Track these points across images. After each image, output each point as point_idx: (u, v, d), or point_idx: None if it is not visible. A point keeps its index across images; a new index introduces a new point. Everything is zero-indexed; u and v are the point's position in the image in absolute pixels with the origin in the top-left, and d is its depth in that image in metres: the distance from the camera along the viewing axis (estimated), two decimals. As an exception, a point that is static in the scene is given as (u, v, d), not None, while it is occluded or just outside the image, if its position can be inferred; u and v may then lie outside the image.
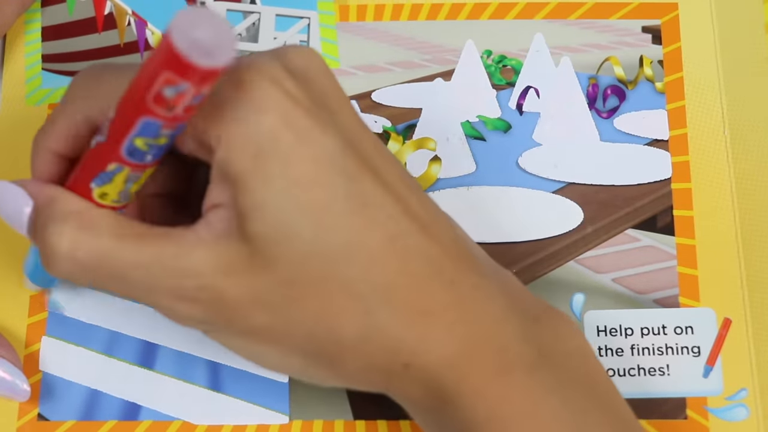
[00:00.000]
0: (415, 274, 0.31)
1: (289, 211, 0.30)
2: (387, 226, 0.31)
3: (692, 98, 0.46)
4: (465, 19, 0.47)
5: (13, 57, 0.48)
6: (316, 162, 0.31)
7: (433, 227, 0.32)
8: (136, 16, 0.48)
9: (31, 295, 0.43)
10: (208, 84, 0.29)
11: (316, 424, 0.41)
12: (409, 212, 0.32)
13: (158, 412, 0.42)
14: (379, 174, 0.32)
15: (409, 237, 0.32)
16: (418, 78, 0.47)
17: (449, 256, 0.32)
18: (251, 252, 0.31)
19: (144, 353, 0.42)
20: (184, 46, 0.27)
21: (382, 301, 0.31)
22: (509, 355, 0.32)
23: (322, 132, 0.31)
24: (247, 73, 0.31)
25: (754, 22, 0.47)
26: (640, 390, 0.41)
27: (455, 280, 0.32)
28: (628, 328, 0.42)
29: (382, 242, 0.31)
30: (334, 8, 0.47)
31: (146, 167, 0.32)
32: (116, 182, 0.32)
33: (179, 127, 0.30)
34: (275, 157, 0.30)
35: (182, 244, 0.31)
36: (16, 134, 0.46)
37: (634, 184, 0.45)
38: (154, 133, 0.30)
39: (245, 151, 0.30)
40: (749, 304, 0.42)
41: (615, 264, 0.43)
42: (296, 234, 0.30)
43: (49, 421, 0.42)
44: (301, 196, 0.30)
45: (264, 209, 0.30)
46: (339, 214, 0.31)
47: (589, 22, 0.47)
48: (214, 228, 0.31)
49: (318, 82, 0.32)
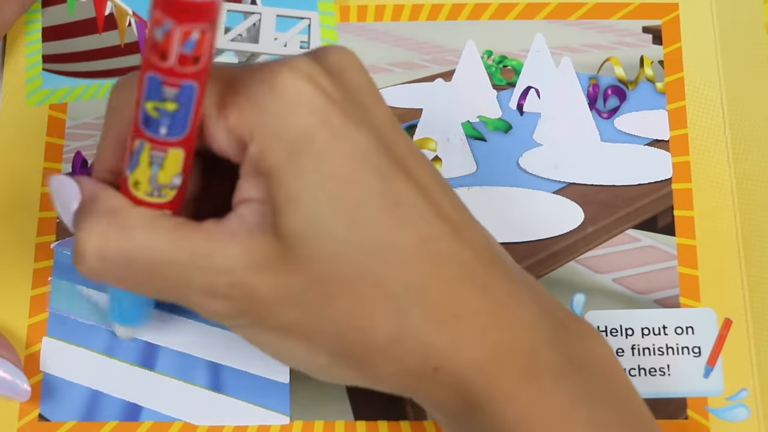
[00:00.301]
0: (448, 277, 0.31)
1: (323, 206, 0.30)
2: (419, 227, 0.31)
3: (693, 98, 0.46)
4: (465, 20, 0.47)
5: (14, 57, 0.48)
6: (350, 159, 0.30)
7: (464, 230, 0.32)
8: (136, 17, 0.48)
9: (32, 295, 0.43)
10: (193, 23, 0.28)
11: (317, 425, 0.41)
12: (441, 214, 0.32)
13: (159, 413, 0.42)
14: (411, 174, 0.32)
15: (441, 239, 0.31)
16: (419, 78, 0.47)
17: (481, 260, 0.32)
18: (284, 248, 0.31)
19: (145, 354, 0.42)
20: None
21: (414, 302, 0.31)
22: (539, 361, 0.32)
23: (356, 129, 0.31)
24: (282, 70, 0.31)
25: (754, 22, 0.47)
26: (641, 390, 0.41)
27: (487, 285, 0.32)
28: (628, 328, 0.42)
29: (415, 243, 0.31)
30: (334, 9, 0.48)
31: (165, 144, 0.31)
32: (143, 165, 0.31)
33: (183, 90, 0.30)
34: (310, 153, 0.30)
35: (215, 239, 0.31)
36: (16, 134, 0.46)
37: (634, 185, 0.45)
38: (158, 92, 0.30)
39: (280, 146, 0.30)
40: (750, 304, 0.42)
41: (615, 264, 0.43)
42: (329, 230, 0.30)
43: (50, 421, 0.42)
44: (334, 192, 0.30)
45: (298, 204, 0.30)
46: (372, 211, 0.31)
47: (590, 22, 0.47)
48: (246, 221, 0.31)
49: (353, 80, 0.32)
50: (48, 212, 0.45)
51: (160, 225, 0.32)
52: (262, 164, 0.31)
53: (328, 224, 0.30)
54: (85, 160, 0.46)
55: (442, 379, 0.32)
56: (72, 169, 0.45)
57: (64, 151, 0.46)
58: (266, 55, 0.47)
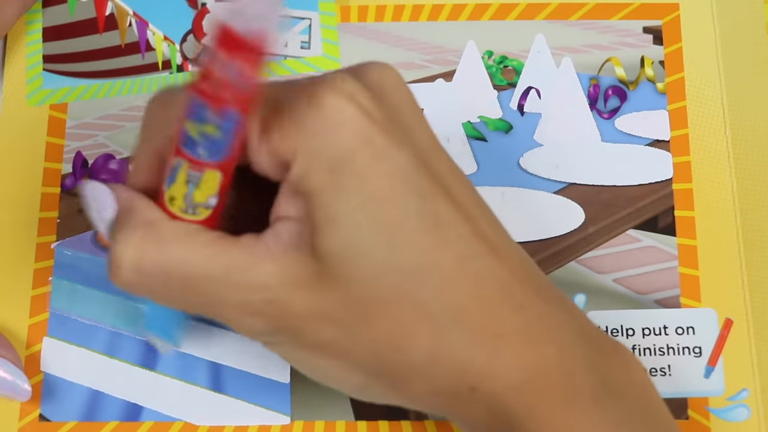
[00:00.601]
0: (486, 297, 0.31)
1: (363, 228, 0.30)
2: (458, 247, 0.31)
3: (693, 99, 0.46)
4: (466, 20, 0.47)
5: (14, 58, 0.48)
6: (391, 179, 0.30)
7: (502, 249, 0.32)
8: (137, 17, 0.48)
9: (33, 295, 0.43)
10: (242, 55, 0.28)
11: (317, 425, 0.41)
12: (479, 233, 0.32)
13: (160, 413, 0.42)
14: (450, 193, 0.32)
15: (479, 258, 0.31)
16: (420, 79, 0.47)
17: (518, 279, 0.32)
18: (321, 267, 0.31)
19: (145, 354, 0.42)
20: (222, 11, 0.27)
21: (453, 322, 0.31)
22: (575, 383, 0.32)
23: (398, 149, 0.31)
24: (323, 89, 0.31)
25: (755, 22, 0.47)
26: (642, 390, 0.41)
27: (524, 305, 0.32)
28: (629, 328, 0.42)
29: (453, 263, 0.31)
30: (335, 9, 0.48)
31: (202, 166, 0.31)
32: (179, 182, 0.32)
33: (224, 117, 0.30)
34: (351, 173, 0.30)
35: (251, 255, 0.31)
36: (16, 135, 0.46)
37: (635, 185, 0.45)
38: (201, 115, 0.30)
39: (321, 167, 0.30)
40: (750, 304, 0.42)
41: (616, 264, 0.43)
42: (369, 252, 0.30)
43: (51, 421, 0.42)
44: (375, 213, 0.30)
45: (338, 224, 0.30)
46: (411, 232, 0.30)
47: (590, 22, 0.47)
48: (283, 239, 0.31)
49: (393, 97, 0.32)
50: (48, 212, 0.45)
51: (196, 239, 0.32)
52: (302, 184, 0.31)
53: (368, 246, 0.30)
54: (85, 160, 0.45)
55: (479, 399, 0.32)
56: (72, 169, 0.45)
57: (65, 151, 0.46)
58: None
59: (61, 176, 0.45)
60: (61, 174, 0.45)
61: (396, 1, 0.48)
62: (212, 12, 0.28)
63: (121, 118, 0.47)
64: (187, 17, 0.48)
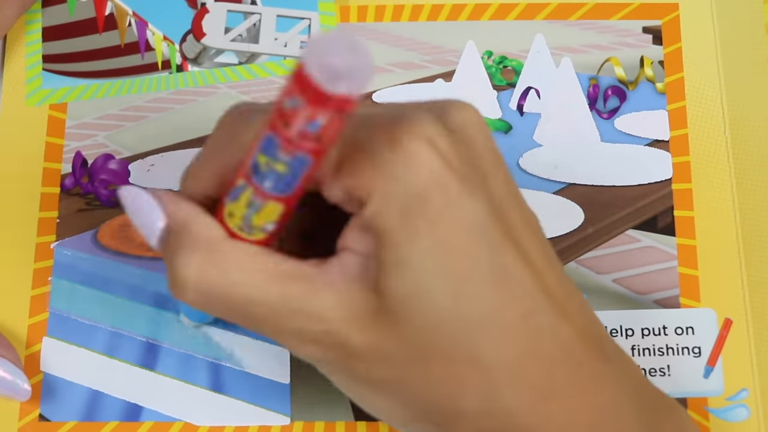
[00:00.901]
0: (545, 355, 0.31)
1: (431, 274, 0.30)
2: (523, 302, 0.31)
3: (693, 99, 0.46)
4: (466, 20, 0.47)
5: (14, 57, 0.48)
6: (463, 228, 0.30)
7: (567, 306, 0.32)
8: (136, 17, 0.48)
9: (33, 295, 0.43)
10: (323, 109, 0.27)
11: (317, 426, 0.41)
12: (546, 289, 0.31)
13: (160, 413, 0.42)
14: (520, 245, 0.31)
15: (542, 314, 0.31)
16: (419, 79, 0.47)
17: (579, 337, 0.32)
18: (382, 306, 0.30)
19: (145, 354, 0.42)
20: (310, 63, 0.26)
21: (508, 378, 0.31)
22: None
23: (472, 197, 0.31)
24: (403, 130, 0.30)
25: (754, 22, 0.47)
26: (641, 390, 0.42)
27: (583, 363, 0.32)
28: (628, 328, 0.42)
29: (516, 318, 0.31)
30: (334, 9, 0.47)
31: (265, 197, 0.31)
32: (241, 202, 0.31)
33: (296, 159, 0.29)
34: (424, 218, 0.30)
35: (311, 285, 0.31)
36: (16, 135, 0.46)
37: (634, 185, 0.45)
38: (273, 152, 0.29)
39: (395, 208, 0.30)
40: (750, 304, 0.42)
41: (616, 265, 0.43)
42: (434, 298, 0.30)
43: (51, 421, 0.42)
44: (444, 261, 0.30)
45: (405, 267, 0.30)
46: (478, 284, 0.30)
47: (590, 22, 0.47)
48: (348, 272, 0.31)
49: (474, 142, 0.32)
50: (48, 212, 0.45)
51: (257, 263, 0.31)
52: (374, 223, 0.30)
53: (433, 292, 0.30)
54: (84, 160, 0.45)
55: None
56: (72, 169, 0.45)
57: (64, 151, 0.46)
58: (266, 55, 0.47)
59: (61, 176, 0.45)
60: (60, 174, 0.45)
61: (395, 1, 0.48)
62: (301, 56, 0.26)
63: (121, 118, 0.47)
64: (186, 17, 0.48)
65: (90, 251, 0.44)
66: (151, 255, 0.43)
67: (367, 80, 0.27)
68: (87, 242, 0.44)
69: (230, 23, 0.48)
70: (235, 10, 0.48)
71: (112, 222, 0.45)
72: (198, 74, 0.47)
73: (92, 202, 0.45)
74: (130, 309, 0.43)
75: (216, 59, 0.47)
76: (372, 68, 0.26)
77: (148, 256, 0.43)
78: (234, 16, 0.48)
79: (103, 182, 0.45)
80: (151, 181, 0.45)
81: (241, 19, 0.48)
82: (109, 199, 0.45)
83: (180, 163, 0.45)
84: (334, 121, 0.28)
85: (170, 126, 0.46)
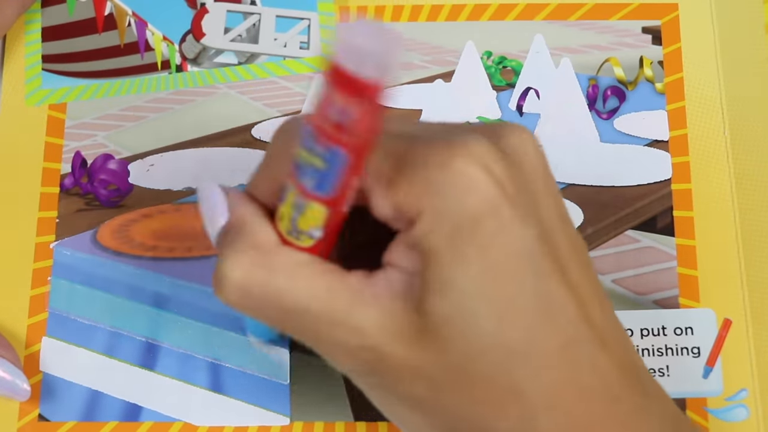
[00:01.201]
0: (583, 386, 0.31)
1: (476, 299, 0.30)
2: (566, 331, 0.31)
3: (692, 99, 0.46)
4: (465, 21, 0.47)
5: (13, 57, 0.48)
6: (512, 254, 0.30)
7: (608, 337, 0.32)
8: (136, 17, 0.48)
9: (32, 295, 0.43)
10: (352, 97, 0.27)
11: (317, 426, 0.41)
12: (589, 319, 0.31)
13: (159, 413, 0.42)
14: (566, 273, 0.31)
15: (583, 345, 0.31)
16: (419, 79, 0.47)
17: (619, 369, 0.32)
18: (425, 325, 0.30)
19: (145, 354, 0.42)
20: (338, 46, 0.26)
21: (545, 407, 0.31)
22: None
23: (523, 223, 0.30)
24: (458, 152, 0.30)
25: (754, 22, 0.47)
26: (640, 391, 0.42)
27: (621, 397, 0.31)
28: (628, 329, 0.42)
29: (558, 347, 0.31)
30: (334, 9, 0.48)
31: (307, 196, 0.31)
32: (287, 204, 0.31)
33: (331, 153, 0.29)
34: (474, 242, 0.30)
35: (357, 298, 0.31)
36: (15, 134, 0.46)
37: (634, 185, 0.45)
38: (310, 144, 0.29)
39: (444, 229, 0.30)
40: (749, 304, 0.42)
41: (615, 265, 0.43)
42: (477, 322, 0.30)
43: (50, 421, 0.42)
44: (490, 286, 0.30)
45: (451, 289, 0.30)
46: (522, 311, 0.30)
47: (589, 23, 0.47)
48: (392, 287, 0.31)
49: (527, 165, 0.32)
50: (48, 212, 0.45)
51: (304, 272, 0.31)
52: (423, 242, 0.30)
53: (477, 316, 0.30)
54: (84, 160, 0.46)
55: None
56: (71, 169, 0.45)
57: (64, 151, 0.46)
58: (266, 55, 0.47)
59: (60, 176, 0.45)
60: (60, 174, 0.45)
61: (395, 2, 0.48)
62: (335, 46, 0.26)
63: (120, 118, 0.47)
64: (186, 17, 0.48)
65: (89, 251, 0.44)
66: (150, 255, 0.44)
67: (394, 63, 0.26)
68: (86, 242, 0.44)
69: (230, 23, 0.48)
70: (234, 10, 0.48)
71: (112, 222, 0.45)
72: (197, 74, 0.47)
73: (92, 202, 0.45)
74: (130, 309, 0.43)
75: (215, 59, 0.47)
76: (399, 52, 0.26)
77: (147, 256, 0.43)
78: (233, 17, 0.48)
79: (102, 182, 0.45)
80: (151, 181, 0.45)
81: (240, 20, 0.48)
82: (109, 199, 0.45)
83: (180, 163, 0.45)
84: (366, 114, 0.28)
85: (170, 126, 0.46)
